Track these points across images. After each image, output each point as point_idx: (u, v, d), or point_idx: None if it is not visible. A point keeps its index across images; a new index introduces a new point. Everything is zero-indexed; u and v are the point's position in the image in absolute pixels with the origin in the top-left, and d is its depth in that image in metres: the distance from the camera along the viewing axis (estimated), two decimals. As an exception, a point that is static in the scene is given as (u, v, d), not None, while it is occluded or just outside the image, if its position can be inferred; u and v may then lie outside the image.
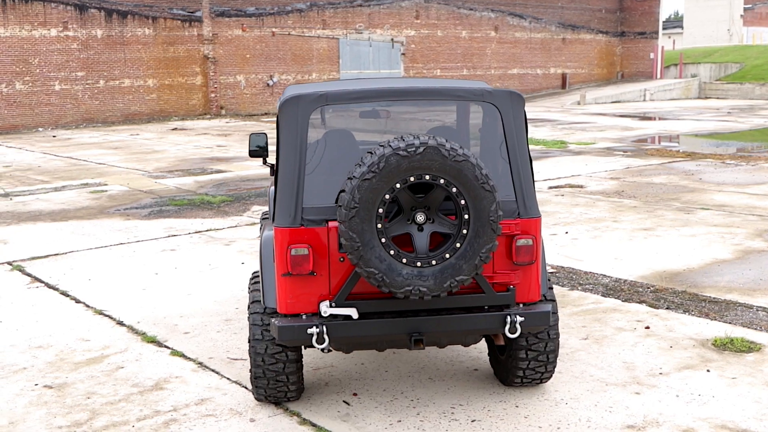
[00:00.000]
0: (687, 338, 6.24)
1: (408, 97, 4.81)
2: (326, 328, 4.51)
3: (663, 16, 47.48)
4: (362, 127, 5.41)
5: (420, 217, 4.34)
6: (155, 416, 5.12)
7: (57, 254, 9.59)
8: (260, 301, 4.90)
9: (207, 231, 10.70)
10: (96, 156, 19.70)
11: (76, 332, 6.75)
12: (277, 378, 4.94)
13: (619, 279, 7.89)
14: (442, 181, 4.22)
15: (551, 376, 5.24)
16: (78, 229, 11.05)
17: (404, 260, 4.29)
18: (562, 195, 12.67)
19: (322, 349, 4.77)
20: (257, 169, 16.57)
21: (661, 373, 5.56)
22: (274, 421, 5.00)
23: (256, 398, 5.15)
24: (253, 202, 12.91)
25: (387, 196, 4.22)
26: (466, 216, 4.28)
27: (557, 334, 5.05)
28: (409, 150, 4.16)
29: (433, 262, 4.31)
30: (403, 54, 36.27)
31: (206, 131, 25.73)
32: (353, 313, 4.52)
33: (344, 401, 5.24)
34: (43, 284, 8.27)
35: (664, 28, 48.18)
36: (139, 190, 14.37)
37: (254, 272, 5.41)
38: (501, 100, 4.70)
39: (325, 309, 4.51)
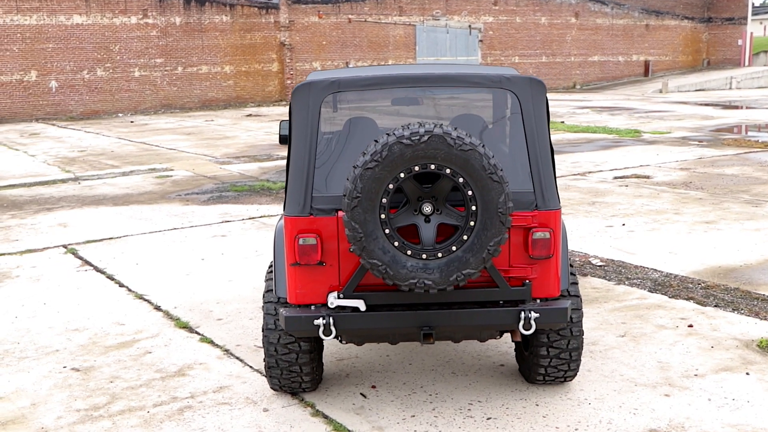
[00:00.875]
0: (731, 338, 5.92)
1: (422, 84, 4.66)
2: (333, 319, 4.42)
3: (753, 0, 45.63)
4: (390, 115, 5.29)
5: (427, 208, 4.19)
6: (171, 402, 5.13)
7: (111, 238, 9.77)
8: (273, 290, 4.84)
9: (260, 217, 10.74)
10: (168, 141, 20.06)
11: (113, 316, 6.84)
12: (290, 368, 4.88)
13: (670, 274, 7.56)
14: (448, 171, 4.07)
15: (575, 374, 5.03)
16: (136, 214, 11.24)
17: (409, 252, 4.15)
18: (626, 185, 12.27)
19: (340, 340, 4.70)
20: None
21: (696, 375, 5.28)
22: (287, 411, 4.94)
23: (271, 387, 5.10)
24: (311, 188, 12.88)
25: (391, 186, 4.08)
26: (474, 207, 4.11)
27: (581, 332, 4.84)
28: (413, 138, 4.01)
29: (440, 255, 4.16)
30: (480, 41, 35.84)
31: (280, 117, 25.91)
32: (360, 305, 4.41)
33: (361, 393, 5.14)
34: (92, 268, 8.42)
35: (754, 14, 46.27)
36: (203, 175, 14.55)
37: (272, 261, 5.36)
38: (520, 87, 4.50)
39: (332, 300, 4.42)
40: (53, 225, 10.67)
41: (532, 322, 4.40)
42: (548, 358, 4.88)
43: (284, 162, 16.03)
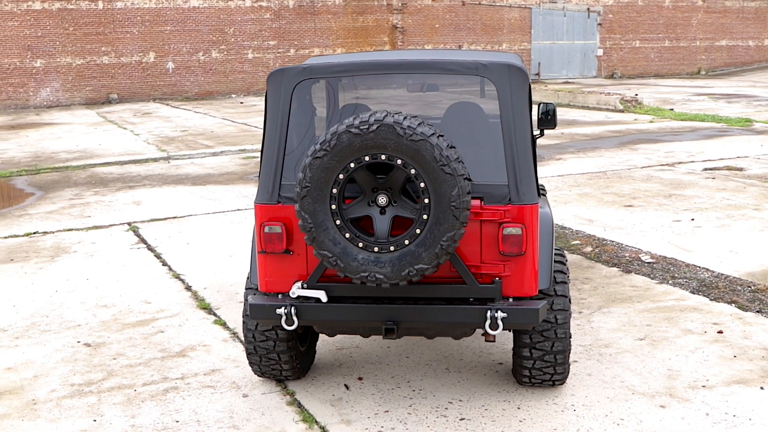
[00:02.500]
0: (760, 348, 5.47)
1: (396, 71, 4.49)
2: (295, 309, 4.35)
3: None
4: (380, 103, 5.15)
5: (382, 200, 4.05)
6: (161, 383, 5.20)
7: (175, 217, 10.03)
8: (251, 277, 4.82)
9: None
10: (267, 123, 20.41)
11: (144, 294, 7.01)
12: (268, 356, 4.85)
13: (720, 275, 7.08)
14: (399, 161, 3.91)
15: (563, 378, 4.77)
16: (208, 194, 11.50)
17: (360, 244, 4.03)
18: (713, 178, 11.58)
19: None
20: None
21: (704, 386, 4.91)
22: (265, 398, 4.92)
23: (254, 373, 5.09)
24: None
25: (341, 176, 3.96)
26: (427, 200, 3.94)
27: (566, 334, 4.58)
28: (361, 128, 3.88)
29: (392, 248, 4.01)
30: (599, 24, 34.70)
31: (387, 101, 25.92)
32: (322, 296, 4.32)
33: (345, 385, 5.06)
34: (144, 246, 8.66)
35: None
36: (287, 157, 14.71)
37: None
38: (496, 74, 4.27)
39: (294, 290, 4.34)
40: (128, 203, 11.05)
41: (499, 322, 4.19)
42: (532, 359, 4.64)
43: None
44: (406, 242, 3.99)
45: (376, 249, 4.01)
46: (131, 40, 27.68)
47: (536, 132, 5.90)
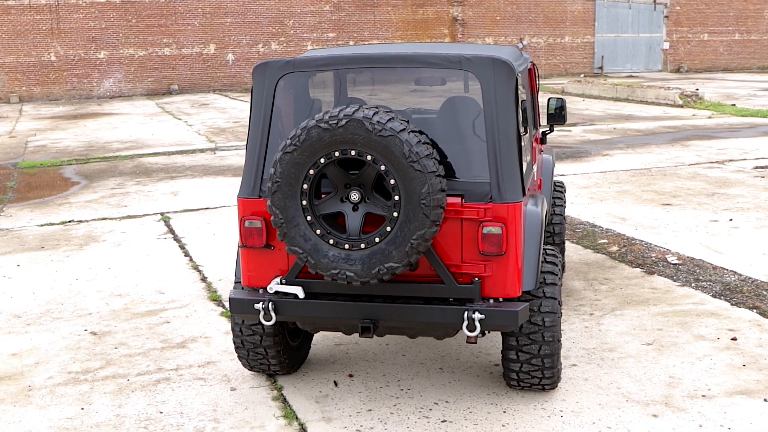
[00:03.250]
0: (773, 357, 5.23)
1: (377, 64, 4.40)
2: (273, 305, 4.31)
3: None
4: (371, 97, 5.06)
5: (355, 196, 3.97)
6: (155, 373, 5.22)
7: (207, 208, 10.12)
8: (239, 271, 4.79)
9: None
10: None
11: (159, 284, 7.07)
12: (255, 350, 4.83)
13: (748, 278, 6.79)
14: (369, 157, 3.82)
15: (554, 382, 4.62)
16: (246, 185, 11.54)
17: (331, 241, 3.96)
18: (762, 177, 11.16)
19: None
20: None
21: (704, 396, 4.71)
22: (252, 392, 4.90)
23: (244, 367, 5.08)
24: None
25: (311, 172, 3.90)
26: (397, 197, 3.84)
27: (554, 337, 4.43)
28: (330, 122, 3.80)
29: (363, 246, 3.93)
30: (666, 17, 33.83)
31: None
32: (299, 292, 4.27)
33: (335, 381, 5.01)
34: (171, 236, 8.75)
35: None
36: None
37: None
38: (480, 68, 4.14)
39: (272, 285, 4.30)
40: (166, 193, 11.19)
41: (477, 324, 4.07)
42: (519, 362, 4.51)
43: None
44: (377, 240, 3.91)
45: (346, 246, 3.94)
46: (192, 31, 28.08)
47: (539, 128, 5.76)
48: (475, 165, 4.16)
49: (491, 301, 4.19)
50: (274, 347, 4.81)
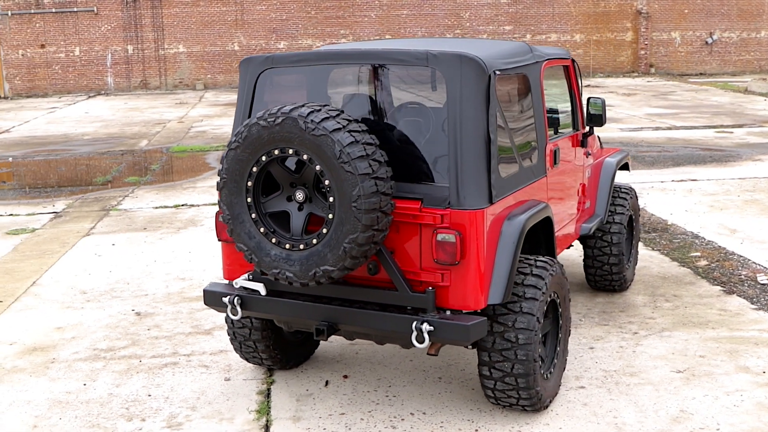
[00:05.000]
0: (816, 399, 4.60)
1: (348, 61, 4.25)
2: (239, 299, 4.31)
3: None
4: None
5: (299, 196, 3.87)
6: (168, 357, 5.38)
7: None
8: (231, 264, 4.82)
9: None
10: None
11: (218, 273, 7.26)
12: (245, 343, 4.85)
13: (839, 308, 6.01)
14: (305, 156, 3.71)
15: (534, 405, 4.29)
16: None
17: (273, 240, 3.89)
18: None
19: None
20: (602, 131, 15.60)
21: (708, 435, 4.23)
22: (243, 384, 4.93)
23: (242, 359, 5.12)
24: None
25: (254, 169, 3.85)
26: (332, 199, 3.71)
27: (528, 356, 4.12)
28: (268, 120, 3.74)
29: (302, 247, 3.83)
30: None
31: (617, 90, 24.70)
32: (261, 289, 4.24)
33: (326, 381, 4.94)
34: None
35: None
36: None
37: None
38: (446, 65, 3.91)
39: (238, 280, 4.31)
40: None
41: (425, 336, 3.87)
42: (492, 380, 4.24)
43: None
44: (314, 242, 3.80)
45: (287, 246, 3.87)
46: (369, 23, 28.60)
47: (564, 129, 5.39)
48: (436, 168, 3.95)
49: (448, 312, 3.97)
50: (263, 341, 4.81)
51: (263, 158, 3.81)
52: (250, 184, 3.87)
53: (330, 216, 3.74)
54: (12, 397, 4.88)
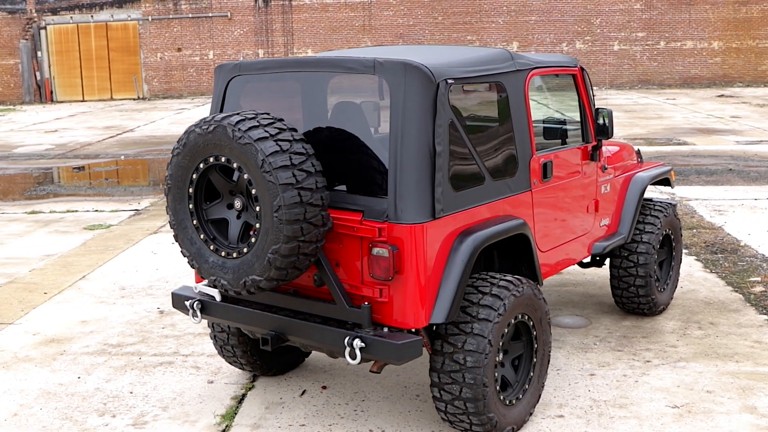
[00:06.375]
0: (816, 449, 4.15)
1: (301, 68, 4.18)
2: (198, 304, 4.35)
3: None
4: None
5: (238, 203, 3.85)
6: (167, 356, 5.50)
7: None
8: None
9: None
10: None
11: (262, 272, 7.35)
12: (224, 347, 4.89)
13: None
14: (236, 164, 3.69)
15: (486, 431, 4.08)
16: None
17: (212, 247, 3.89)
18: None
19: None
20: (715, 144, 14.77)
21: (673, 478, 3.89)
22: (222, 388, 4.97)
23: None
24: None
25: (194, 176, 3.86)
26: (258, 208, 3.67)
27: (476, 380, 3.91)
28: (203, 127, 3.73)
29: (235, 255, 3.81)
30: None
31: (750, 101, 23.36)
32: (216, 294, 4.25)
33: (304, 390, 4.91)
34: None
35: None
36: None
37: None
38: (390, 73, 3.79)
39: (197, 285, 4.33)
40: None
41: (357, 352, 3.77)
42: (443, 402, 4.07)
43: (667, 149, 14.72)
44: (245, 250, 3.77)
45: (223, 254, 3.86)
46: (496, 29, 28.32)
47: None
48: (379, 180, 3.84)
49: (385, 329, 3.85)
50: (240, 346, 4.83)
51: (201, 165, 3.82)
52: (191, 190, 3.89)
53: (257, 225, 3.70)
54: (9, 385, 5.11)
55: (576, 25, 28.11)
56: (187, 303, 4.37)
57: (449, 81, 3.88)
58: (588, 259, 6.25)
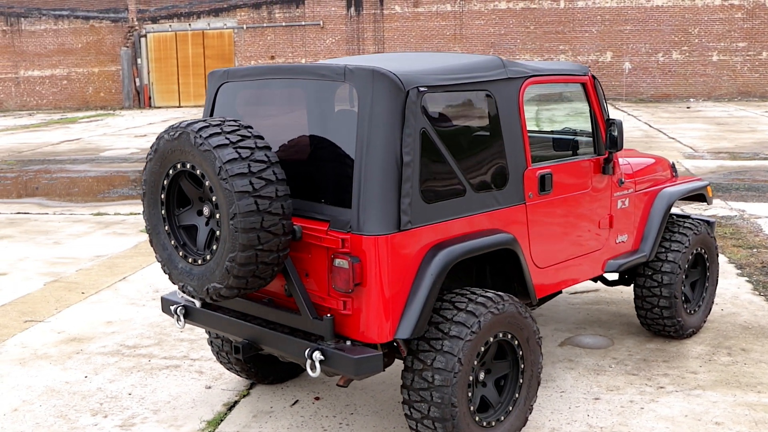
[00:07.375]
0: (818, 491, 3.83)
1: (278, 75, 4.12)
2: (182, 309, 4.37)
3: None
4: None
5: (206, 210, 3.84)
6: (176, 359, 5.55)
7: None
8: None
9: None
10: (679, 129, 18.97)
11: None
12: (219, 353, 4.91)
13: None
14: (199, 171, 3.68)
15: (457, 450, 3.94)
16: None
17: (181, 253, 3.89)
18: None
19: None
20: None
21: None
22: (218, 394, 4.98)
23: (229, 368, 5.17)
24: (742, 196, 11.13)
25: (165, 182, 3.87)
26: (218, 215, 3.64)
27: (443, 400, 3.77)
28: (171, 134, 3.74)
29: (200, 262, 3.80)
30: None
31: None
32: (196, 301, 4.25)
33: (297, 400, 4.87)
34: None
35: None
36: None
37: None
38: (359, 80, 3.71)
39: (178, 291, 4.36)
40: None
41: (317, 365, 3.70)
42: (413, 420, 3.95)
43: (752, 164, 14.05)
44: (208, 257, 3.76)
45: (190, 260, 3.86)
46: (589, 39, 27.72)
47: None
48: (346, 190, 3.76)
49: (348, 342, 3.77)
50: (233, 354, 4.82)
51: (170, 172, 3.84)
52: (163, 196, 3.91)
53: (218, 233, 3.69)
54: (20, 381, 5.27)
55: (673, 35, 27.21)
56: (172, 308, 4.40)
57: (421, 89, 3.77)
58: (616, 277, 6.00)
